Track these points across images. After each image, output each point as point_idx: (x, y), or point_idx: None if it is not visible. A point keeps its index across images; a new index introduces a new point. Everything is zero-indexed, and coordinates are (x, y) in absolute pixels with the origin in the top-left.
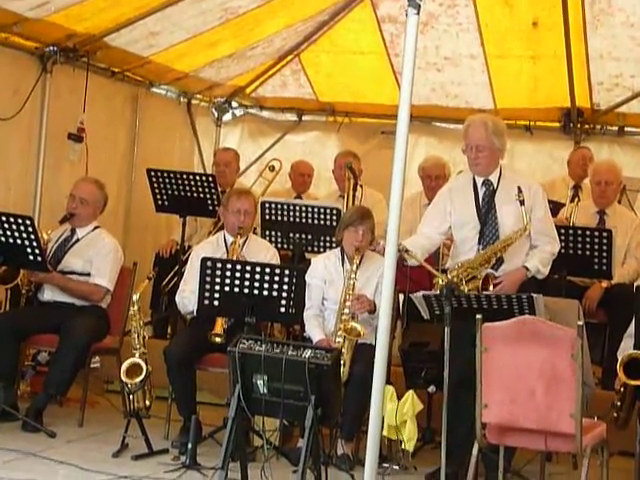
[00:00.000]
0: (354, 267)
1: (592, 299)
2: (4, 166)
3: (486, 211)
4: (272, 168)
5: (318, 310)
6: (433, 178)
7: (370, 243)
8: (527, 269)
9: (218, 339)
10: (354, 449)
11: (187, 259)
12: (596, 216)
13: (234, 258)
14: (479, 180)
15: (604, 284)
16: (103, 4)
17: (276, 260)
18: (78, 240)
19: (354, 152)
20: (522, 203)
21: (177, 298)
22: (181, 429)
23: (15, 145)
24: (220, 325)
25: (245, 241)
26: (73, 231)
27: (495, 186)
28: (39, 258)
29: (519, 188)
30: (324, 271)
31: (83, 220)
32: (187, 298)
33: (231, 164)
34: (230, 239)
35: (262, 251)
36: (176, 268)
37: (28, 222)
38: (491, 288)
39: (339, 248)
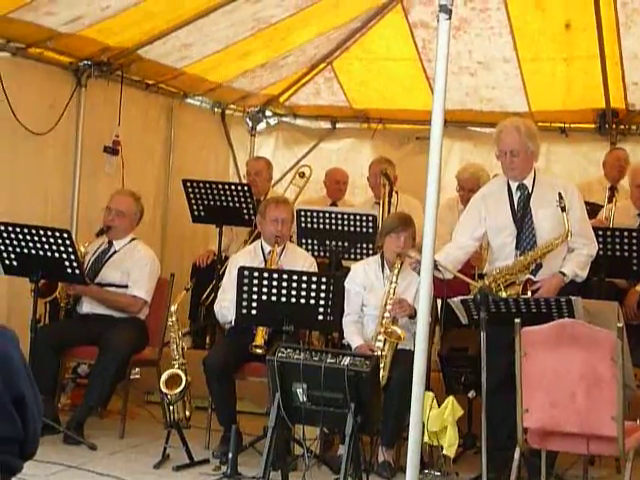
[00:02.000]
0: (395, 271)
1: (630, 306)
2: (42, 180)
3: (522, 216)
4: (302, 174)
5: (357, 316)
6: (467, 191)
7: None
8: (564, 274)
9: (259, 350)
10: (395, 456)
11: (225, 269)
12: (637, 218)
13: (272, 267)
14: (513, 185)
15: (639, 288)
16: (135, 17)
17: (314, 269)
18: (115, 252)
19: (389, 158)
20: (563, 210)
21: (216, 308)
22: (221, 439)
23: (52, 159)
24: (261, 336)
25: (283, 250)
26: (110, 243)
27: (530, 190)
28: (77, 271)
29: (560, 194)
30: (364, 277)
31: (120, 232)
32: (226, 308)
33: (262, 173)
34: (267, 248)
35: (300, 260)
36: (214, 279)
37: (66, 235)
38: (529, 294)
39: (379, 254)
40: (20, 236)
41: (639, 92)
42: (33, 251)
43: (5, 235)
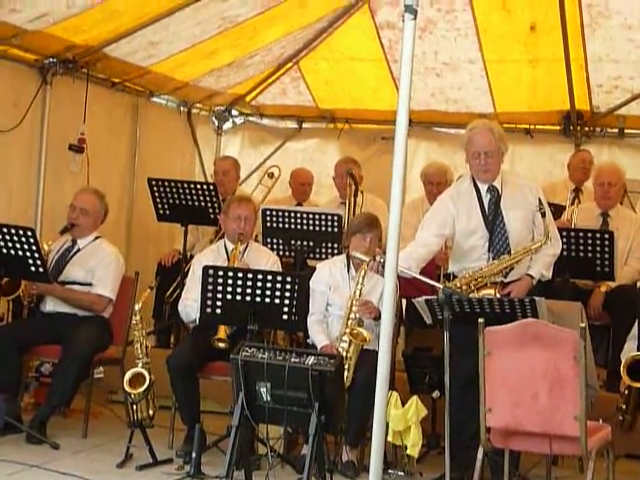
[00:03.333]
0: (362, 272)
1: (595, 307)
2: (5, 178)
3: (493, 218)
4: (271, 175)
5: (322, 316)
6: (435, 184)
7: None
8: (532, 277)
9: (221, 344)
10: (359, 456)
11: (190, 268)
12: (599, 218)
13: (235, 265)
14: (483, 187)
15: (603, 288)
16: (101, 15)
17: (277, 267)
18: (79, 250)
19: (354, 158)
20: (543, 215)
21: (180, 307)
22: (185, 438)
23: (16, 157)
24: (223, 330)
25: (246, 248)
26: (74, 242)
27: (500, 192)
28: (41, 269)
29: (540, 200)
30: (329, 277)
31: (84, 230)
32: (190, 307)
33: (230, 172)
34: (231, 246)
35: (263, 258)
36: (179, 277)
37: (29, 233)
38: (498, 296)
39: (344, 254)
40: None
41: (603, 94)
42: None
43: None
